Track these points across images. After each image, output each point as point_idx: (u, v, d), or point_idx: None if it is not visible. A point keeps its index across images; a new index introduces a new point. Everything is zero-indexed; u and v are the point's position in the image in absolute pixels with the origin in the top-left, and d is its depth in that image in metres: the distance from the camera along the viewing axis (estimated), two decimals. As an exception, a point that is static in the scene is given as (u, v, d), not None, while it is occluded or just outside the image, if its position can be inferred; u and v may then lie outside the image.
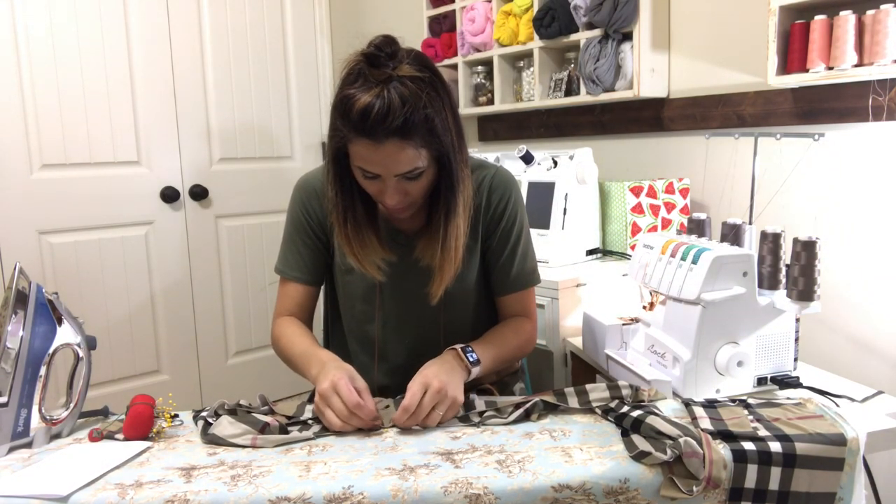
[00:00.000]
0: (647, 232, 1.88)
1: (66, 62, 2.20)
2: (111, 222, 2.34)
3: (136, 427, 1.02)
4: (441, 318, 1.26)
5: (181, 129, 2.46)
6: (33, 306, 1.03)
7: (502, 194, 1.26)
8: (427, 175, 1.09)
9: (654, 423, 0.92)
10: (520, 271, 1.28)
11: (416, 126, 1.01)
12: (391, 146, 1.02)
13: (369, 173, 1.07)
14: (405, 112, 0.99)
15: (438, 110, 1.04)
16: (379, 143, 1.01)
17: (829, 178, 1.62)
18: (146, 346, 2.46)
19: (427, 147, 1.05)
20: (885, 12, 1.35)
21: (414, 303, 1.24)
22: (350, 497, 0.84)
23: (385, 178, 1.07)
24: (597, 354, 1.35)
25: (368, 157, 1.04)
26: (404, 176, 1.06)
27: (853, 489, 0.91)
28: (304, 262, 1.27)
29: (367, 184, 1.10)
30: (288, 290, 1.29)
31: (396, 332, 1.28)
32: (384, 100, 0.98)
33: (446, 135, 1.06)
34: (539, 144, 2.41)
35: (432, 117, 1.03)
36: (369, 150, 1.03)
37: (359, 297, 1.27)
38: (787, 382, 1.12)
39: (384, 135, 1.00)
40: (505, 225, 1.26)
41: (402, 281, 1.24)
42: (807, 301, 1.08)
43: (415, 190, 1.10)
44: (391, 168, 1.05)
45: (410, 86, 1.00)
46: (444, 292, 1.20)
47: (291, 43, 2.73)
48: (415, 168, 1.06)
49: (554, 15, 2.06)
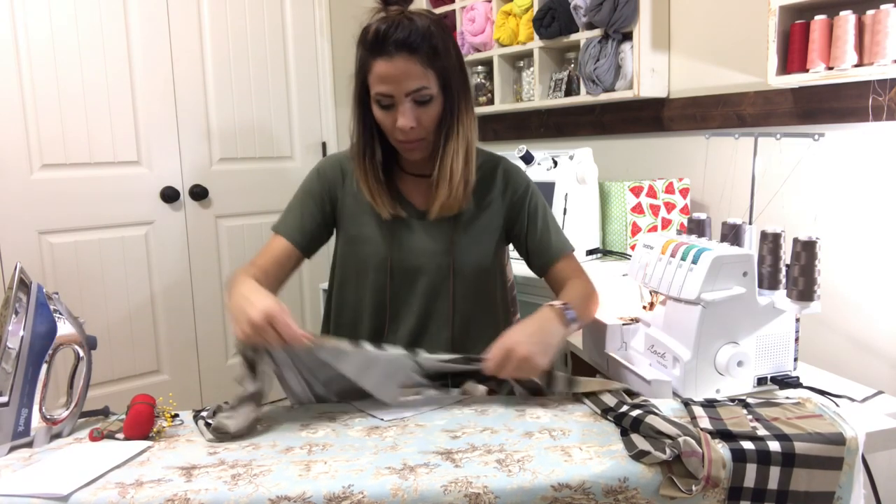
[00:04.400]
0: (647, 232, 1.89)
1: (66, 62, 2.20)
2: (111, 222, 2.34)
3: (137, 427, 1.02)
4: (452, 290, 1.29)
5: (181, 129, 2.46)
6: (34, 306, 1.03)
7: (518, 178, 1.35)
8: (436, 104, 1.19)
9: (654, 422, 0.93)
10: (557, 239, 1.35)
11: (421, 44, 1.14)
12: (401, 60, 1.13)
13: (385, 98, 1.17)
14: (411, 28, 1.13)
15: (444, 39, 1.18)
16: (390, 56, 1.13)
17: (829, 178, 1.62)
18: (146, 346, 2.46)
19: (433, 69, 1.16)
20: (885, 12, 1.36)
21: (425, 274, 1.29)
22: (350, 496, 0.84)
23: (398, 101, 1.16)
24: (597, 354, 1.35)
25: (383, 75, 1.15)
26: (414, 99, 1.16)
27: (852, 488, 0.91)
28: (300, 224, 1.31)
29: (383, 116, 1.19)
30: (274, 243, 1.30)
31: (407, 302, 1.30)
32: (394, 21, 1.14)
33: (449, 61, 1.19)
34: (539, 144, 2.42)
35: (436, 43, 1.16)
36: (384, 66, 1.14)
37: (371, 266, 1.30)
38: (787, 382, 1.12)
39: (394, 48, 1.13)
40: (530, 205, 1.34)
41: (413, 252, 1.29)
42: (807, 301, 1.08)
43: (426, 117, 1.19)
44: (403, 84, 1.15)
45: (420, 17, 1.16)
46: (456, 261, 1.28)
47: (291, 43, 2.73)
48: (422, 87, 1.16)
49: (554, 15, 2.06)
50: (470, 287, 1.31)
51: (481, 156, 1.34)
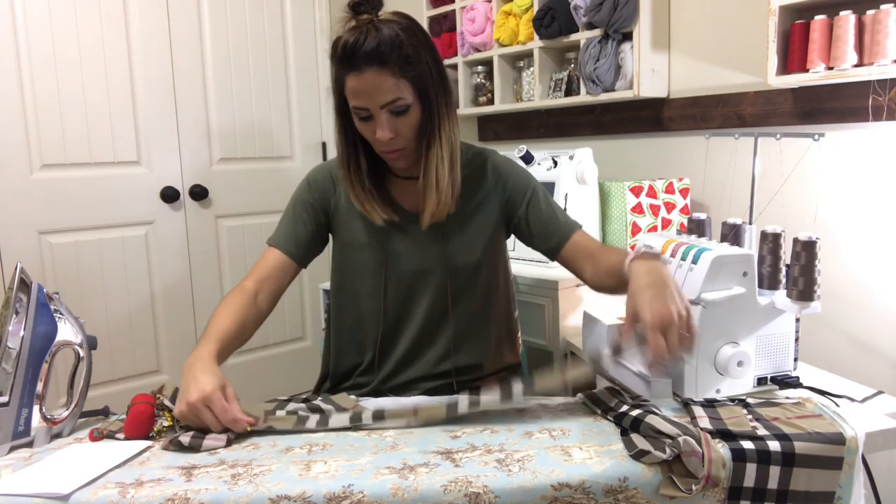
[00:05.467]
0: (647, 232, 1.89)
1: (66, 62, 2.20)
2: (111, 222, 2.34)
3: (137, 426, 1.02)
4: (450, 291, 1.29)
5: (181, 129, 2.46)
6: (34, 306, 1.03)
7: (510, 168, 1.34)
8: (414, 112, 1.17)
9: (654, 422, 0.93)
10: (565, 219, 1.32)
11: (390, 54, 1.10)
12: (371, 74, 1.11)
13: (361, 111, 1.15)
14: (379, 38, 1.10)
15: (415, 45, 1.14)
16: (360, 71, 1.11)
17: (829, 178, 1.62)
18: (146, 346, 2.46)
19: (406, 78, 1.13)
20: (885, 12, 1.36)
21: (422, 275, 1.29)
22: (350, 496, 0.84)
23: (374, 113, 1.15)
24: (596, 354, 1.35)
25: (355, 90, 1.13)
26: (391, 110, 1.14)
27: (852, 488, 0.91)
28: (294, 235, 1.31)
29: (364, 127, 1.18)
30: (269, 256, 1.32)
31: (406, 306, 1.30)
32: (362, 33, 1.10)
33: (423, 67, 1.15)
34: (539, 144, 2.42)
35: (407, 50, 1.12)
36: (355, 81, 1.12)
37: (368, 272, 1.30)
38: (787, 382, 1.12)
39: (363, 62, 1.10)
40: (528, 190, 1.32)
41: (407, 256, 1.28)
42: (807, 301, 1.08)
43: (404, 127, 1.17)
44: (375, 98, 1.13)
45: (388, 25, 1.12)
46: (452, 262, 1.27)
47: (291, 43, 2.73)
48: (397, 98, 1.13)
49: (554, 15, 2.06)
50: (468, 286, 1.31)
51: (469, 151, 1.33)
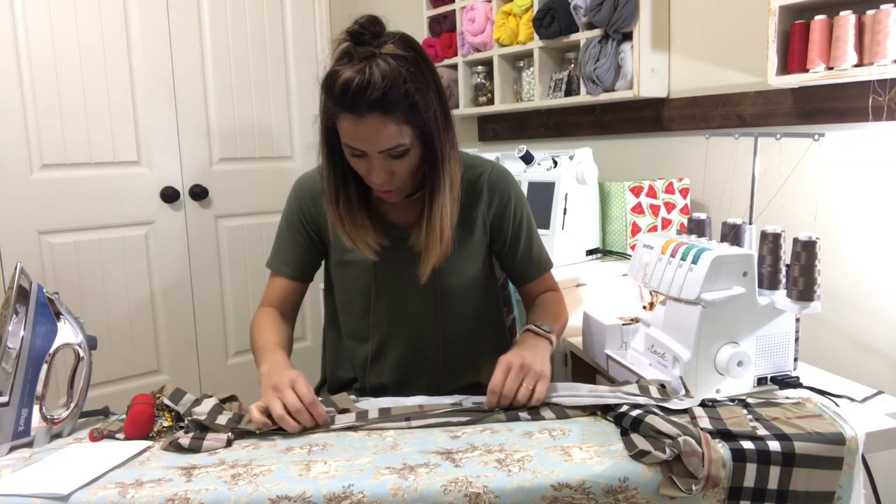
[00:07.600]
0: (647, 232, 1.89)
1: (66, 62, 2.20)
2: (111, 222, 2.34)
3: (137, 426, 1.02)
4: (439, 312, 1.28)
5: (181, 129, 2.46)
6: (34, 306, 1.03)
7: (503, 191, 1.29)
8: (413, 155, 1.10)
9: (654, 422, 0.93)
10: (539, 257, 1.35)
11: (396, 101, 1.02)
12: (372, 121, 1.03)
13: (356, 150, 1.08)
14: (384, 86, 1.01)
15: (421, 88, 1.05)
16: (360, 117, 1.03)
17: (829, 178, 1.62)
18: (146, 346, 2.46)
19: (409, 124, 1.06)
20: (885, 12, 1.36)
21: (411, 296, 1.26)
22: (350, 496, 0.84)
23: (370, 156, 1.08)
24: (597, 354, 1.35)
25: (352, 133, 1.05)
26: (388, 154, 1.07)
27: (852, 488, 0.91)
28: (293, 258, 1.30)
29: (356, 162, 1.11)
30: (275, 283, 1.32)
31: (394, 327, 1.29)
32: (364, 74, 1.00)
33: (429, 113, 1.07)
34: (539, 144, 2.42)
35: (414, 94, 1.04)
36: (352, 124, 1.04)
37: (357, 291, 1.28)
38: (787, 382, 1.12)
39: (365, 108, 1.02)
40: (514, 220, 1.30)
41: (399, 276, 1.25)
42: (807, 301, 1.08)
43: (400, 169, 1.11)
44: (374, 144, 1.05)
45: (392, 63, 1.02)
46: (442, 284, 1.24)
47: (291, 43, 2.73)
48: (398, 145, 1.06)
49: (554, 15, 2.06)
50: (459, 305, 1.29)
51: (461, 165, 1.21)
